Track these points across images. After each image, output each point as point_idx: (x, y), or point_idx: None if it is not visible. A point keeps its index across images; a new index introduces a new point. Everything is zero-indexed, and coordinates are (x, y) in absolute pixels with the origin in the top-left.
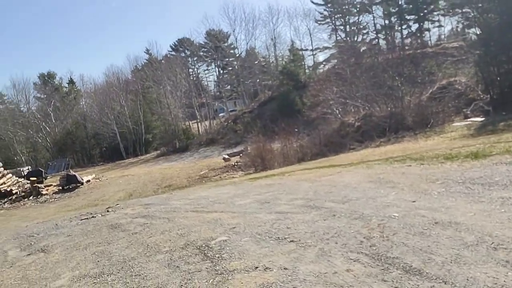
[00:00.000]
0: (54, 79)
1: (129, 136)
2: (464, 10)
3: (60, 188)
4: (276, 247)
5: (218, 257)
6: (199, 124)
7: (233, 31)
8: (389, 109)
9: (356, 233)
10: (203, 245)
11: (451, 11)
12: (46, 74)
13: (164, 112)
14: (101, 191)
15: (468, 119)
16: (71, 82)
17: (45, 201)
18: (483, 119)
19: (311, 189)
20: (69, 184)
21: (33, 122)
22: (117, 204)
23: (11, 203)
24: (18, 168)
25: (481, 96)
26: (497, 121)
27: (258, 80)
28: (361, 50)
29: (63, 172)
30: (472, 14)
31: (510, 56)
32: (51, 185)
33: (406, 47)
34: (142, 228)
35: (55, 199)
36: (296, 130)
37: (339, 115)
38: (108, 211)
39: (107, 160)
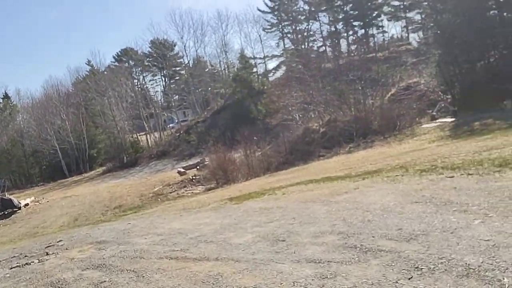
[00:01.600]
0: None
1: (71, 152)
2: (407, 15)
3: None
4: None
5: None
6: (148, 136)
7: (181, 38)
8: (353, 113)
9: None
10: None
11: (397, 14)
12: None
13: (109, 124)
14: (42, 216)
15: (437, 121)
16: (6, 97)
17: None
18: (452, 119)
19: (333, 215)
20: (5, 209)
21: None
22: (60, 241)
23: None
24: None
25: (442, 96)
26: (469, 121)
27: (209, 89)
28: (311, 56)
29: None
30: (421, 17)
31: (470, 56)
32: None
33: (352, 54)
34: None
35: None
36: (255, 138)
37: (300, 122)
38: (47, 253)
39: (48, 179)
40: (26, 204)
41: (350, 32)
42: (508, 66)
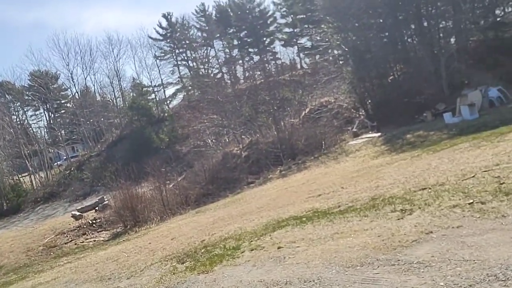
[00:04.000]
0: None
1: None
2: (299, 42)
3: None
4: None
5: None
6: (32, 176)
7: (67, 65)
8: (274, 133)
9: None
10: None
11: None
12: None
13: None
14: None
15: (363, 136)
16: None
17: None
18: (378, 134)
19: None
20: None
21: None
22: None
23: None
24: None
25: (355, 113)
26: (398, 135)
27: (102, 119)
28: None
29: None
30: (312, 43)
31: (379, 71)
32: None
33: (251, 79)
34: None
35: None
36: (163, 169)
37: (214, 147)
38: None
39: None
40: None
41: (246, 58)
42: (411, 81)
